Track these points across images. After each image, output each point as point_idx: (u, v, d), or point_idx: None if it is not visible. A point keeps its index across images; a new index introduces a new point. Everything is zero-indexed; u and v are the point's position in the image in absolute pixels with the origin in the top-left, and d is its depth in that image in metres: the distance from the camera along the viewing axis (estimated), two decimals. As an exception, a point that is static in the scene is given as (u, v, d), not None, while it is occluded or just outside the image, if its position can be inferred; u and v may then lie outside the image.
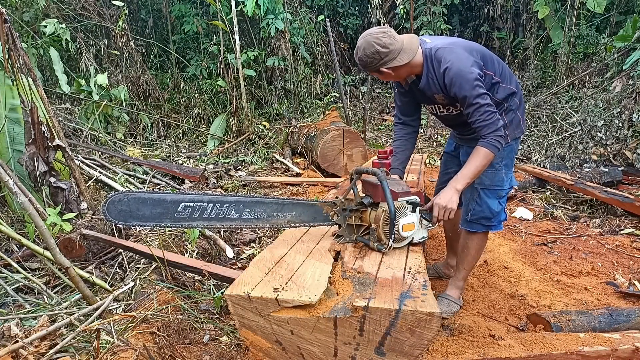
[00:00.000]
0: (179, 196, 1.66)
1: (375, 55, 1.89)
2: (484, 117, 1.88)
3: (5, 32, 2.87)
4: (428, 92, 2.04)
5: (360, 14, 9.97)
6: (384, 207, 1.78)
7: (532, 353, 1.75)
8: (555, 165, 5.48)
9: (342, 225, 1.93)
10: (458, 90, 1.88)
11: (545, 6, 7.72)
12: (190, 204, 1.66)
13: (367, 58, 1.91)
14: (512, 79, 2.13)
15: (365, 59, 1.91)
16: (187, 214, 1.67)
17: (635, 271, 2.86)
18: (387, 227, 1.77)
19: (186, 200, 1.66)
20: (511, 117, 2.11)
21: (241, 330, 1.48)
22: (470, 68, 1.87)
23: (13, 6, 6.42)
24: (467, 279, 2.44)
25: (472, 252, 2.26)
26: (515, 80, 2.15)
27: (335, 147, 5.21)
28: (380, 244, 1.79)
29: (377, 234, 1.80)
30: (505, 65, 2.15)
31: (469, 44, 2.04)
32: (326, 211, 1.92)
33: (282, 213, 1.85)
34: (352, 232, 1.93)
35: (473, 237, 2.24)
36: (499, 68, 2.07)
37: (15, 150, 3.31)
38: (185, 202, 1.66)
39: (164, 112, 7.58)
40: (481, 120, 1.88)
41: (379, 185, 1.78)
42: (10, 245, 2.85)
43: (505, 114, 2.09)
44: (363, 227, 1.91)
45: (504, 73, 2.08)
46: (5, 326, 1.82)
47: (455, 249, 2.55)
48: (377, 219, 1.80)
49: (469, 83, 1.85)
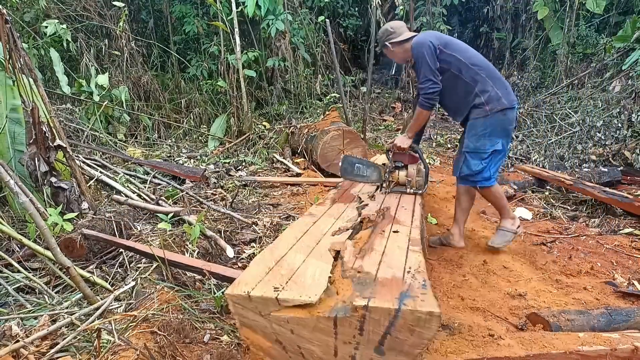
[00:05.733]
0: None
1: (384, 32, 2.92)
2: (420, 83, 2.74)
3: (6, 33, 2.88)
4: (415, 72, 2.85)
5: (360, 14, 9.98)
6: (414, 167, 2.96)
7: (532, 352, 1.76)
8: (555, 165, 5.49)
9: (381, 182, 3.00)
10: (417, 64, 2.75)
11: (545, 6, 7.73)
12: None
13: (380, 34, 2.96)
14: (487, 67, 2.79)
15: (379, 34, 2.96)
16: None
17: (634, 271, 2.87)
18: (420, 178, 2.95)
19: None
20: (487, 95, 2.71)
21: (241, 329, 1.48)
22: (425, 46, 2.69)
23: (14, 7, 6.43)
24: (465, 224, 3.17)
25: (462, 202, 3.04)
26: (489, 67, 2.79)
27: (335, 147, 5.21)
28: (417, 188, 2.93)
29: (412, 184, 2.94)
30: (478, 56, 2.84)
31: (439, 34, 2.87)
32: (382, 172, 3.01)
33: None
34: (388, 186, 2.98)
35: (461, 189, 3.01)
36: (468, 54, 2.77)
37: (17, 151, 3.32)
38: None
39: (164, 112, 7.59)
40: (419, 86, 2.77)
41: (407, 155, 2.97)
42: (11, 245, 2.85)
43: (480, 94, 2.72)
44: (393, 183, 2.99)
45: (471, 58, 2.76)
46: (6, 326, 1.83)
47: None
48: (411, 175, 2.94)
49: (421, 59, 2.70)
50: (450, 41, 2.80)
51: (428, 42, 2.69)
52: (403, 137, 2.96)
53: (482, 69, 2.74)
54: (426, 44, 2.69)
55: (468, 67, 2.72)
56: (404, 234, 2.05)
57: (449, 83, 2.77)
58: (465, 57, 2.74)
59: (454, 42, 2.82)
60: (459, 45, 2.80)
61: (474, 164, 2.77)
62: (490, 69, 2.77)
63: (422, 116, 2.86)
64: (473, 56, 2.78)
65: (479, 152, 2.75)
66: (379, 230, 2.10)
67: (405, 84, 9.83)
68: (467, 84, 2.74)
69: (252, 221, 3.49)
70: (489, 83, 2.71)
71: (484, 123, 2.72)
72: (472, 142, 2.77)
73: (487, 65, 2.79)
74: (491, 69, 2.79)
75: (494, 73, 2.78)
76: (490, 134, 2.72)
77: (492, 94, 2.70)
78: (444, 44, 2.74)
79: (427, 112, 2.83)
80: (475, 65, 2.73)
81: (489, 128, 2.72)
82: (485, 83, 2.71)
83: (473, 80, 2.72)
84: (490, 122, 2.71)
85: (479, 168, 2.77)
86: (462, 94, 2.79)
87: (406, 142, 2.92)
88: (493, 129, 2.72)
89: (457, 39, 3.01)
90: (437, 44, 2.71)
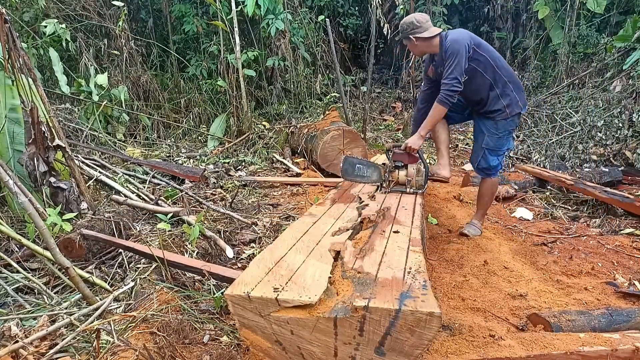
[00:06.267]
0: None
1: (410, 24, 2.89)
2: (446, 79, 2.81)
3: (5, 32, 2.87)
4: (440, 67, 2.94)
5: (360, 14, 9.97)
6: (414, 167, 2.99)
7: (532, 353, 1.75)
8: (555, 165, 5.48)
9: (381, 182, 3.03)
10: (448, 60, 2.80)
11: (545, 6, 7.72)
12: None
13: (405, 25, 2.93)
14: (508, 70, 2.98)
15: (404, 25, 2.93)
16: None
17: (635, 271, 2.86)
18: (420, 178, 2.99)
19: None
20: (508, 98, 2.93)
21: (241, 330, 1.48)
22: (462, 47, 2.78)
23: (13, 6, 6.42)
24: (485, 214, 3.45)
25: (484, 194, 3.28)
26: (510, 71, 2.98)
27: (335, 147, 5.21)
28: (417, 188, 2.98)
29: (412, 183, 2.98)
30: (502, 59, 2.99)
31: (472, 34, 2.91)
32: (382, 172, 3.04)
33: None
34: (388, 185, 3.02)
35: (483, 182, 3.26)
36: (495, 56, 2.93)
37: (15, 150, 3.31)
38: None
39: (164, 112, 7.57)
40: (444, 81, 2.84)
41: (407, 154, 2.98)
42: (10, 245, 2.84)
43: (502, 97, 2.93)
44: (392, 182, 3.02)
45: (496, 60, 2.92)
46: (6, 326, 1.82)
47: (442, 154, 3.36)
48: (411, 175, 2.97)
49: (453, 57, 2.78)
50: (481, 42, 2.94)
51: (465, 41, 2.80)
52: (416, 138, 2.97)
53: (505, 72, 2.94)
54: (464, 43, 2.79)
55: (494, 69, 2.91)
56: (404, 234, 2.04)
57: (474, 79, 2.92)
58: (493, 58, 2.91)
59: (484, 43, 2.96)
60: (488, 47, 2.95)
61: (492, 160, 3.09)
62: (510, 72, 2.97)
63: (440, 113, 2.91)
64: (498, 59, 2.95)
65: (497, 149, 3.06)
66: (379, 230, 2.09)
67: (405, 83, 9.82)
68: (490, 84, 2.93)
69: (251, 221, 3.49)
70: (510, 87, 2.94)
71: (504, 125, 2.99)
72: (492, 140, 3.05)
73: (508, 68, 2.99)
74: (511, 73, 2.99)
75: (513, 77, 2.99)
76: (507, 135, 3.04)
77: (512, 98, 2.94)
78: (477, 44, 2.88)
79: (445, 109, 2.88)
80: (501, 69, 2.92)
81: (508, 129, 3.02)
82: (506, 86, 2.93)
83: (495, 81, 2.92)
84: (509, 124, 3.01)
85: (495, 163, 3.11)
86: (483, 91, 2.97)
87: (419, 142, 2.96)
88: (511, 130, 3.05)
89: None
90: (472, 44, 2.84)
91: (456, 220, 3.71)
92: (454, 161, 6.35)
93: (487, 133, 3.06)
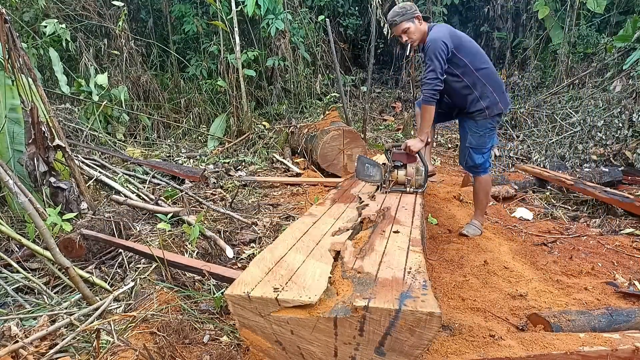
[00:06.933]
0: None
1: (409, 6, 2.94)
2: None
3: (5, 32, 2.87)
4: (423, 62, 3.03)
5: (360, 14, 9.97)
6: (413, 166, 3.01)
7: (532, 353, 1.75)
8: (555, 165, 5.48)
9: (381, 182, 3.04)
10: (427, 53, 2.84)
11: (545, 6, 7.73)
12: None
13: (402, 9, 2.93)
14: (488, 72, 3.01)
15: (403, 9, 2.93)
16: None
17: (635, 271, 2.86)
18: (420, 177, 3.00)
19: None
20: (487, 100, 2.99)
21: (241, 330, 1.48)
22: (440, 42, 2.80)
23: (13, 6, 6.42)
24: (485, 213, 3.54)
25: (477, 192, 3.35)
26: (489, 73, 3.01)
27: (335, 147, 5.21)
28: (416, 188, 2.99)
29: (411, 183, 3.00)
30: (483, 59, 3.03)
31: (454, 33, 2.95)
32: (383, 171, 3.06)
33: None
34: (388, 185, 3.03)
35: (475, 181, 3.33)
36: (475, 59, 2.96)
37: (15, 150, 3.31)
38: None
39: (164, 112, 7.58)
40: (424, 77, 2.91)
41: (406, 154, 3.00)
42: (10, 245, 2.84)
43: (481, 99, 2.99)
44: (392, 182, 3.03)
45: (477, 64, 2.95)
46: (6, 326, 1.82)
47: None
48: (410, 174, 3.00)
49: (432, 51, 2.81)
50: (462, 44, 2.93)
51: (442, 41, 2.81)
52: (416, 141, 3.00)
53: (484, 74, 2.98)
54: (440, 42, 2.81)
55: (472, 73, 2.96)
56: (404, 234, 2.04)
57: (451, 83, 2.99)
58: (473, 62, 2.95)
59: (466, 45, 2.96)
60: (470, 50, 2.96)
61: (477, 158, 3.17)
62: (489, 74, 3.01)
63: (429, 112, 2.97)
64: (479, 61, 2.98)
65: (480, 147, 3.15)
66: (379, 230, 2.09)
67: (405, 83, 9.83)
68: (467, 87, 3.00)
69: (251, 221, 3.49)
70: (489, 89, 3.00)
71: (484, 124, 3.08)
72: (474, 139, 3.14)
73: (489, 70, 3.02)
74: (490, 74, 3.03)
75: (493, 78, 3.03)
76: (489, 132, 3.12)
77: (492, 100, 3.01)
78: (457, 47, 2.89)
79: (433, 107, 2.96)
80: (479, 70, 2.96)
81: (488, 128, 3.11)
82: (485, 88, 2.99)
83: (474, 84, 2.98)
84: (489, 123, 3.10)
85: (480, 161, 3.19)
86: (460, 94, 3.06)
87: (419, 145, 3.01)
88: (492, 128, 3.13)
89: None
90: (451, 46, 2.85)
91: (456, 220, 3.71)
92: (453, 161, 6.35)
93: (469, 132, 3.15)
